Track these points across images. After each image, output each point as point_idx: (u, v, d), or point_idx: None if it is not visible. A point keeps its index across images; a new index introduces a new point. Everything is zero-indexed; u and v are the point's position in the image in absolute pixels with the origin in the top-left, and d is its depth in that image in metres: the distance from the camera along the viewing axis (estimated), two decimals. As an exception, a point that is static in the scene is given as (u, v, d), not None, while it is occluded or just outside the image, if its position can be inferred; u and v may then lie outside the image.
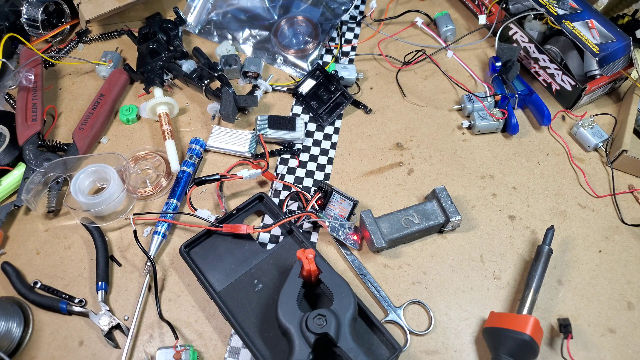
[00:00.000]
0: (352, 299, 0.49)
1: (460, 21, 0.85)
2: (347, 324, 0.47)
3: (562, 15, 0.72)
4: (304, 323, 0.47)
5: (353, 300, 0.49)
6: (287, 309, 0.48)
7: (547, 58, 0.72)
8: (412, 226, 0.59)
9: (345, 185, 0.66)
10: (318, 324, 0.46)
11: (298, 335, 0.47)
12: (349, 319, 0.47)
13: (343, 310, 0.48)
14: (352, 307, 0.48)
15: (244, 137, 0.68)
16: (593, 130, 0.69)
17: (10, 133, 0.67)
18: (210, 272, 0.57)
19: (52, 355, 0.53)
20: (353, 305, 0.48)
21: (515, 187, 0.66)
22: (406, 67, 0.78)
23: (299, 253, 0.50)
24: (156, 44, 0.75)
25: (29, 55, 0.74)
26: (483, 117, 0.69)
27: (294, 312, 0.48)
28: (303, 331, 0.47)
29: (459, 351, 0.54)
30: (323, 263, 0.51)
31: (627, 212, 0.64)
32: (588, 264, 0.60)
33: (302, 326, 0.47)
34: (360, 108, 0.74)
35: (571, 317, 0.55)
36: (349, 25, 0.84)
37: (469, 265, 0.60)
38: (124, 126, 0.72)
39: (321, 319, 0.47)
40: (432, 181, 0.67)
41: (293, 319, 0.47)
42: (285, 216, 0.58)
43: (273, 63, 0.79)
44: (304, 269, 0.50)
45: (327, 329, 0.46)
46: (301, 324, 0.47)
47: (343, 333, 0.46)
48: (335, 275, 0.50)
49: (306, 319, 0.47)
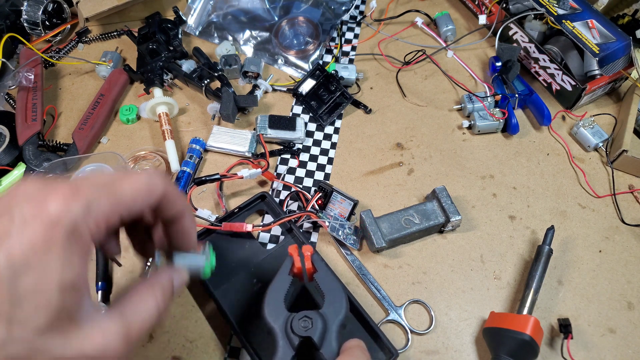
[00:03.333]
0: (345, 303, 0.46)
1: (460, 21, 0.85)
2: (335, 329, 0.44)
3: (562, 15, 0.72)
4: (289, 324, 0.44)
5: (345, 305, 0.46)
6: (273, 308, 0.46)
7: (547, 58, 0.72)
8: (412, 226, 0.59)
9: (345, 185, 0.66)
10: (303, 326, 0.44)
11: (282, 335, 0.44)
12: (338, 324, 0.44)
13: (332, 314, 0.45)
14: (343, 312, 0.45)
15: (244, 137, 0.68)
16: (593, 130, 0.69)
17: (10, 133, 0.67)
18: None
19: (52, 355, 0.53)
20: (344, 310, 0.45)
21: (515, 187, 0.66)
22: (406, 67, 0.78)
23: (291, 249, 0.48)
24: (156, 44, 0.75)
25: (29, 55, 0.74)
26: (483, 117, 0.69)
27: (280, 311, 0.45)
28: (287, 332, 0.44)
29: (459, 351, 0.54)
30: (320, 262, 0.49)
31: (627, 212, 0.64)
32: (588, 264, 0.60)
33: (287, 327, 0.44)
34: (360, 108, 0.74)
35: (571, 317, 0.55)
36: (349, 25, 0.84)
37: (469, 265, 0.60)
38: (124, 126, 0.72)
39: (307, 321, 0.44)
40: (432, 181, 0.67)
41: (278, 318, 0.45)
42: (285, 215, 0.58)
43: (274, 64, 0.79)
44: (295, 266, 0.48)
45: (311, 332, 0.43)
46: (286, 325, 0.44)
47: (328, 339, 0.43)
48: (330, 276, 0.48)
49: (292, 320, 0.44)
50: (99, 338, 0.29)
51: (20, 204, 0.27)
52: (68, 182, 0.29)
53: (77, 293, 0.28)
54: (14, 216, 0.27)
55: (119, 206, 0.30)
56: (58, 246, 0.26)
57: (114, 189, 0.30)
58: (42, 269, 0.26)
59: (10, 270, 0.25)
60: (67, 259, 0.27)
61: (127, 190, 0.31)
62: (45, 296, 0.26)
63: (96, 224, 0.29)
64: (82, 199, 0.28)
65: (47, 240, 0.26)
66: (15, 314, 0.25)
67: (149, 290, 0.34)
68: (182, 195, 0.36)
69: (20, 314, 0.25)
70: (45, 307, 0.26)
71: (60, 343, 0.27)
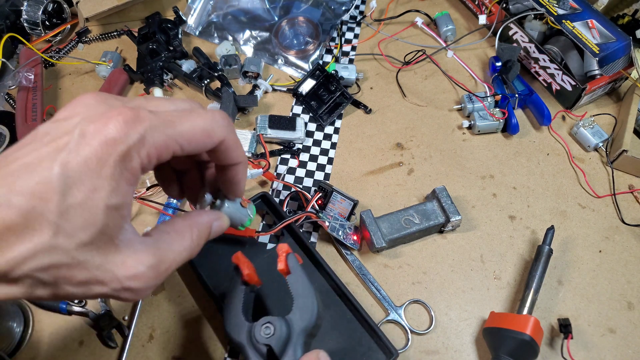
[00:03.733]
0: (314, 310, 0.42)
1: (460, 21, 0.85)
2: (300, 337, 0.41)
3: (562, 15, 0.72)
4: (253, 333, 0.42)
5: (313, 313, 0.42)
6: (233, 323, 0.43)
7: (547, 58, 0.72)
8: (412, 226, 0.59)
9: (345, 185, 0.66)
10: (265, 333, 0.41)
11: (249, 347, 0.41)
12: (304, 332, 0.41)
13: (299, 321, 0.42)
14: (311, 319, 0.42)
15: (244, 136, 0.68)
16: (593, 130, 0.69)
17: (10, 133, 0.67)
18: (210, 271, 0.57)
19: (52, 355, 0.53)
20: (313, 317, 0.42)
21: (515, 187, 0.66)
22: (406, 67, 0.78)
23: (234, 257, 0.45)
24: (156, 44, 0.75)
25: (29, 55, 0.74)
26: (483, 117, 0.69)
27: (241, 324, 0.43)
28: (253, 342, 0.41)
29: (459, 351, 0.54)
30: (295, 264, 0.45)
31: (627, 212, 0.64)
32: (588, 264, 0.60)
33: (251, 337, 0.42)
34: (360, 108, 0.74)
35: (571, 317, 0.55)
36: (349, 25, 0.84)
37: (469, 265, 0.60)
38: (124, 126, 0.72)
39: (269, 328, 0.41)
40: (432, 181, 0.67)
41: (241, 331, 0.42)
42: (288, 218, 0.58)
43: (274, 64, 0.79)
44: (243, 273, 0.45)
45: (271, 340, 0.40)
46: (250, 335, 0.42)
47: (292, 348, 0.40)
48: (302, 280, 0.44)
49: (254, 329, 0.42)
50: (132, 265, 0.29)
51: (81, 119, 0.28)
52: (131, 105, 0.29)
53: (121, 216, 0.29)
54: (73, 129, 0.27)
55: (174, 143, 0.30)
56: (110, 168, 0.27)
57: (173, 125, 0.30)
58: (92, 186, 0.26)
59: (63, 181, 0.26)
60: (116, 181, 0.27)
61: (186, 129, 0.31)
62: (91, 213, 0.27)
63: (147, 156, 0.29)
64: (140, 127, 0.28)
65: (100, 160, 0.27)
66: (62, 224, 0.26)
67: (187, 229, 0.35)
68: (240, 145, 0.36)
69: (67, 225, 0.26)
70: (91, 223, 0.27)
71: (98, 261, 0.28)
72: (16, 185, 0.25)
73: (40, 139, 0.27)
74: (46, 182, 0.25)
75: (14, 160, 0.26)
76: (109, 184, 0.27)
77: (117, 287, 0.29)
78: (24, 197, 0.25)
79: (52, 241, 0.26)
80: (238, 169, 0.37)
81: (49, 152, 0.26)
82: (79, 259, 0.27)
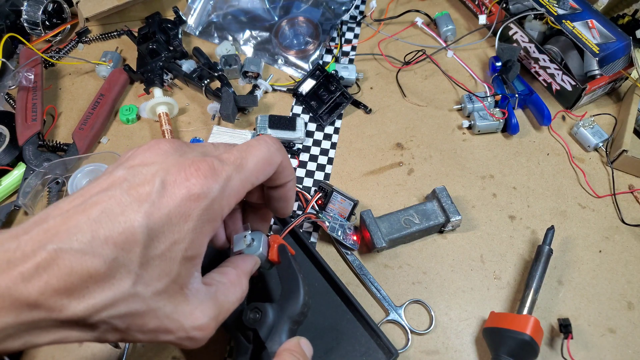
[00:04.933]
0: (300, 299, 0.43)
1: (460, 21, 0.85)
2: (286, 325, 0.41)
3: (562, 15, 0.72)
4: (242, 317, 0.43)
5: (300, 301, 0.42)
6: None
7: (547, 58, 0.72)
8: (412, 226, 0.59)
9: (345, 185, 0.66)
10: (252, 317, 0.42)
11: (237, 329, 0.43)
12: (290, 320, 0.42)
13: (285, 308, 0.42)
14: (296, 307, 0.42)
15: (244, 137, 0.68)
16: (593, 130, 0.69)
17: (10, 133, 0.67)
18: (210, 271, 0.57)
19: (52, 355, 0.53)
20: (299, 306, 0.42)
21: (515, 187, 0.66)
22: (406, 67, 0.78)
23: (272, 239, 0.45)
24: (156, 44, 0.75)
25: (29, 55, 0.74)
26: (483, 117, 0.69)
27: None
28: (241, 326, 0.42)
29: (459, 351, 0.54)
30: (286, 255, 0.45)
31: (627, 212, 0.64)
32: (588, 264, 0.60)
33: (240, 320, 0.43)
34: (360, 108, 0.74)
35: (571, 317, 0.55)
36: (349, 25, 0.84)
37: (469, 265, 0.60)
38: (124, 126, 0.72)
39: (256, 313, 0.42)
40: (432, 181, 0.67)
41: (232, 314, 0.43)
42: (290, 222, 0.57)
43: (274, 64, 0.79)
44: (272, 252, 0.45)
45: (258, 325, 0.41)
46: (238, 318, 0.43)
47: (277, 334, 0.41)
48: (291, 270, 0.44)
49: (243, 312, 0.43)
50: (199, 316, 0.30)
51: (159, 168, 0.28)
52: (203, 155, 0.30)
53: (193, 265, 0.29)
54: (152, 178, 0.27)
55: (248, 184, 0.31)
56: (193, 222, 0.28)
57: (242, 167, 0.31)
58: (173, 240, 0.27)
59: (147, 233, 0.26)
60: (197, 235, 0.28)
61: (253, 166, 0.32)
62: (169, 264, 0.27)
63: (228, 204, 0.30)
64: (220, 180, 0.29)
65: (183, 215, 0.27)
66: (142, 274, 0.26)
67: (238, 279, 0.36)
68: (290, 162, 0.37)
69: (146, 275, 0.27)
70: (167, 274, 0.27)
71: (168, 309, 0.28)
72: (99, 233, 0.25)
73: (119, 185, 0.27)
74: (130, 233, 0.26)
75: (93, 204, 0.26)
76: (189, 237, 0.28)
77: (183, 336, 0.30)
78: (109, 247, 0.25)
79: (131, 290, 0.26)
80: (289, 185, 0.38)
81: (131, 202, 0.26)
82: (152, 307, 0.28)
